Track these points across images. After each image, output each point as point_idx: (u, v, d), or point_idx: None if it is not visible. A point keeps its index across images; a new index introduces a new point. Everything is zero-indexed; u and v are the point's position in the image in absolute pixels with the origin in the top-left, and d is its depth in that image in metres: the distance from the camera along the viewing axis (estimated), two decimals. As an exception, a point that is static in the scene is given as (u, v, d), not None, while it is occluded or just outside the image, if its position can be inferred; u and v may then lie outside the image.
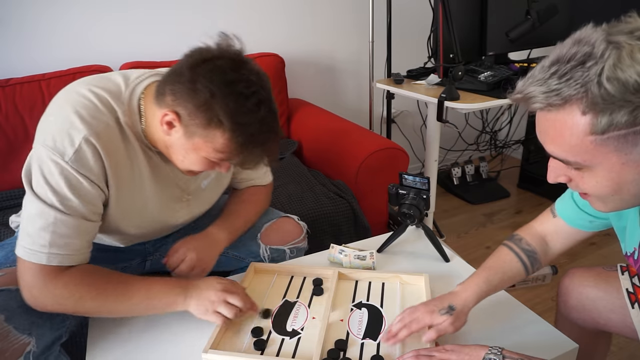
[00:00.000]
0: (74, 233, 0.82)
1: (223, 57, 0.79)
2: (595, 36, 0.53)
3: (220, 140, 0.80)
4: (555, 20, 1.70)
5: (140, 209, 0.95)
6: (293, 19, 2.23)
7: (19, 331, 0.80)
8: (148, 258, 1.15)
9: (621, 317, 0.92)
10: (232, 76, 0.77)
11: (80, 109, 0.82)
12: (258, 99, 0.79)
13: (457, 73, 1.49)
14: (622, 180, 0.57)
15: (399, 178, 1.15)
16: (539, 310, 1.49)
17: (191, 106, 0.78)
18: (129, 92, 0.88)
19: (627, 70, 0.50)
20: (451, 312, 0.83)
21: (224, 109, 0.77)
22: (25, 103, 1.61)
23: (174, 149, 0.86)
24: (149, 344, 0.90)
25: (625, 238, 0.77)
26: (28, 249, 0.79)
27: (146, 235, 1.06)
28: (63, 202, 0.80)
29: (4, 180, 1.60)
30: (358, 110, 2.54)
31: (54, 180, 0.79)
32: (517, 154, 3.02)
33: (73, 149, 0.79)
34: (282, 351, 0.85)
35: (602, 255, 1.99)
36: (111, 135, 0.84)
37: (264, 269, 1.09)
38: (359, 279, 1.06)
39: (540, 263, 0.91)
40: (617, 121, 0.52)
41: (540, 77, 0.56)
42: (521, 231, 0.94)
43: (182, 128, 0.81)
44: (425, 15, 1.92)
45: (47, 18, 1.76)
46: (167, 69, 0.94)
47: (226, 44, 0.82)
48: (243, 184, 1.18)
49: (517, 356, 0.69)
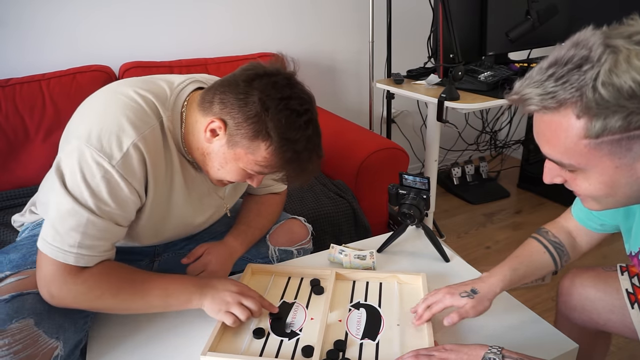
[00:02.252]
0: (104, 235, 0.82)
1: (279, 74, 0.81)
2: (593, 39, 0.53)
3: (263, 153, 0.81)
4: (555, 20, 1.71)
5: (164, 213, 0.95)
6: (293, 19, 2.24)
7: (47, 335, 0.80)
8: (156, 259, 1.15)
9: (621, 318, 0.92)
10: (287, 92, 0.80)
11: (129, 111, 0.81)
12: (309, 117, 0.82)
13: (457, 73, 1.49)
14: (615, 184, 0.58)
15: (399, 178, 1.15)
16: (539, 310, 1.49)
17: (241, 117, 0.80)
18: (174, 97, 0.88)
19: (622, 76, 0.50)
20: (472, 296, 0.85)
21: (274, 123, 0.78)
22: (25, 103, 1.61)
23: (212, 157, 0.87)
24: (148, 346, 0.90)
25: (631, 237, 0.77)
26: (55, 247, 0.78)
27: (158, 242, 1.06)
28: (99, 205, 0.79)
29: (4, 180, 1.60)
30: (358, 110, 2.54)
31: (94, 183, 0.78)
32: (517, 154, 3.02)
33: (121, 153, 0.79)
34: (281, 352, 0.85)
35: (602, 255, 1.99)
36: (156, 139, 0.84)
37: (261, 270, 1.08)
38: (357, 279, 1.06)
39: (568, 255, 0.92)
40: (611, 126, 0.52)
41: (537, 79, 0.57)
42: (548, 225, 0.96)
43: (226, 137, 0.82)
44: (425, 15, 1.92)
45: (47, 18, 1.76)
46: (205, 76, 0.96)
47: (281, 64, 0.84)
48: (260, 190, 1.18)
49: (517, 356, 0.69)
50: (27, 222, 1.05)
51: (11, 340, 0.75)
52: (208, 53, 2.02)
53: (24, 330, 0.77)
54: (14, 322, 0.77)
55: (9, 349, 0.75)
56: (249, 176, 0.89)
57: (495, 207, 2.50)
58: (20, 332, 0.77)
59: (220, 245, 1.06)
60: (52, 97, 1.64)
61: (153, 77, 0.93)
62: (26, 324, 0.78)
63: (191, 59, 1.91)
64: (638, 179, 0.57)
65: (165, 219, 0.96)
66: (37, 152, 1.62)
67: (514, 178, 2.76)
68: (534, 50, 2.05)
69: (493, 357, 0.69)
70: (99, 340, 0.91)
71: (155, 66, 1.82)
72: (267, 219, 1.17)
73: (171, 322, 0.94)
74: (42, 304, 0.82)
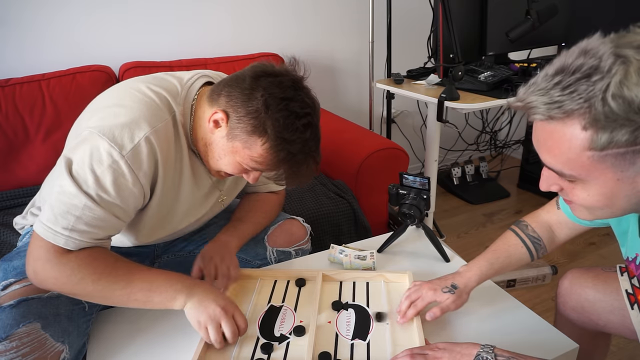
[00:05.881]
0: (98, 224, 0.81)
1: (287, 75, 0.83)
2: (603, 49, 0.52)
3: (259, 149, 0.82)
4: (555, 20, 1.70)
5: (170, 208, 0.95)
6: (293, 19, 2.23)
7: (54, 339, 0.80)
8: (156, 260, 1.15)
9: (620, 319, 0.92)
10: (290, 94, 0.81)
11: (142, 105, 0.83)
12: (308, 121, 0.82)
13: (457, 73, 1.49)
14: (614, 196, 0.57)
15: (399, 178, 1.15)
16: (539, 310, 1.49)
17: (242, 111, 0.81)
18: (185, 91, 0.90)
19: (633, 89, 0.49)
20: (453, 291, 0.88)
21: (272, 122, 0.80)
22: (25, 103, 1.61)
23: (212, 147, 0.88)
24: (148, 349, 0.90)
25: (627, 243, 0.77)
26: (48, 227, 0.79)
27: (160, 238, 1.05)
28: (99, 193, 0.79)
29: (4, 180, 1.59)
30: (358, 110, 2.54)
31: (100, 170, 0.79)
32: (517, 154, 3.02)
33: (132, 144, 0.80)
34: (272, 357, 0.84)
35: (602, 255, 1.99)
36: (168, 133, 0.86)
37: (247, 275, 1.06)
38: (344, 279, 1.06)
39: (545, 249, 0.94)
40: (618, 139, 0.51)
41: (543, 86, 0.55)
42: (528, 218, 0.97)
43: (227, 129, 0.84)
44: (425, 15, 1.92)
45: (47, 18, 1.76)
46: (212, 71, 0.98)
47: (292, 67, 0.85)
48: (258, 188, 1.19)
49: (508, 354, 0.70)
50: (27, 225, 1.05)
51: (19, 344, 0.76)
52: (208, 53, 2.02)
53: (31, 334, 0.78)
54: (21, 327, 0.78)
55: (17, 351, 0.76)
56: (245, 171, 0.90)
57: (495, 207, 2.50)
58: (28, 335, 0.77)
59: (210, 244, 1.05)
60: (52, 97, 1.64)
61: (162, 74, 0.95)
62: (33, 328, 0.79)
63: (191, 59, 1.91)
64: (637, 192, 0.56)
65: (172, 211, 0.96)
66: (37, 152, 1.62)
67: (514, 178, 2.76)
68: (534, 50, 2.05)
69: (485, 356, 0.70)
70: (98, 342, 0.91)
71: (156, 66, 1.82)
72: (262, 215, 1.17)
73: (172, 323, 0.94)
74: (48, 309, 0.82)
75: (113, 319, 0.96)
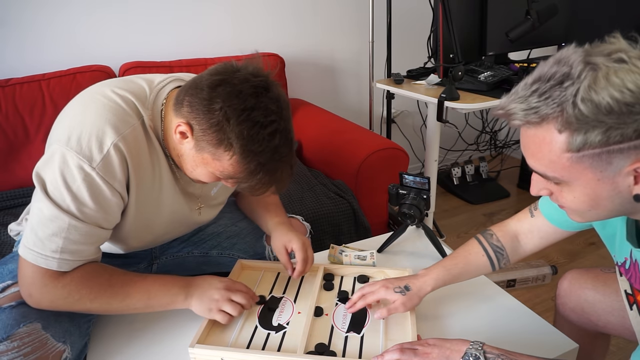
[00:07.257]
0: (86, 240, 0.81)
1: (247, 81, 0.77)
2: (575, 57, 0.56)
3: (227, 162, 0.79)
4: (555, 20, 1.71)
5: (154, 213, 0.94)
6: (293, 19, 2.23)
7: (55, 339, 0.80)
8: (154, 262, 1.15)
9: (620, 319, 0.92)
10: (251, 103, 0.75)
11: (108, 112, 0.80)
12: (274, 128, 0.77)
13: (457, 73, 1.49)
14: (597, 196, 0.60)
15: (399, 178, 1.15)
16: (539, 310, 1.49)
17: (205, 123, 0.77)
18: (154, 95, 0.87)
19: (600, 92, 0.52)
20: (404, 292, 0.89)
21: (236, 135, 0.75)
22: (25, 103, 1.61)
23: (184, 158, 0.85)
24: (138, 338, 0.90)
25: (615, 247, 0.77)
26: (37, 253, 0.78)
27: (150, 242, 1.04)
28: (80, 208, 0.78)
29: (4, 180, 1.60)
30: (358, 110, 2.54)
31: (75, 186, 0.77)
32: (517, 154, 3.02)
33: (101, 155, 0.77)
34: (268, 345, 0.86)
35: (601, 255, 1.99)
36: (137, 138, 0.83)
37: (251, 266, 1.10)
38: (345, 274, 1.07)
39: (508, 259, 0.95)
40: (591, 140, 0.54)
41: (522, 95, 0.59)
42: (495, 227, 0.97)
43: (193, 141, 0.80)
44: (425, 15, 1.92)
45: (47, 18, 1.76)
46: (188, 75, 0.93)
47: (253, 67, 0.79)
48: None
49: (497, 351, 0.71)
50: (22, 232, 1.04)
51: (20, 343, 0.76)
52: (208, 53, 2.02)
53: (32, 334, 0.78)
54: (21, 327, 0.78)
55: (19, 351, 0.75)
56: (221, 179, 0.87)
57: (495, 207, 2.50)
58: (29, 335, 0.77)
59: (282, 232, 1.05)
60: (52, 97, 1.64)
61: (133, 76, 0.92)
62: (34, 328, 0.78)
63: (191, 59, 1.91)
64: (619, 192, 0.58)
65: (155, 217, 0.94)
66: (37, 152, 1.62)
67: (514, 178, 2.76)
68: (534, 50, 2.05)
69: (474, 353, 0.71)
70: (99, 343, 0.91)
71: (155, 66, 1.82)
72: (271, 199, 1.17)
73: (173, 323, 0.94)
74: (49, 310, 0.82)
75: (114, 319, 0.96)
